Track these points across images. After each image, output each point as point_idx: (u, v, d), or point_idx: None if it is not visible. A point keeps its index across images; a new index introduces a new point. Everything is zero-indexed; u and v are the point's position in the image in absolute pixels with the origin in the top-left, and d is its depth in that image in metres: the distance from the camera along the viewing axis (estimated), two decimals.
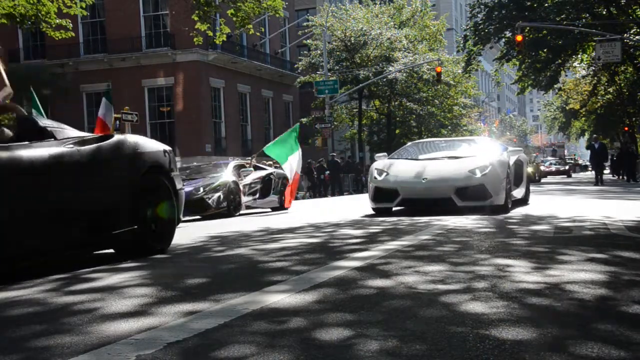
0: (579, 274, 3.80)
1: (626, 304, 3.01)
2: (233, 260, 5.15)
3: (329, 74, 35.47)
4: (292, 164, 14.02)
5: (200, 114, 32.67)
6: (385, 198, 10.22)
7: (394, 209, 10.57)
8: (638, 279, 3.74)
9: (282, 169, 14.59)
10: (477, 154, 10.71)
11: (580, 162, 75.80)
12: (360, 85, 35.92)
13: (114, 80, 32.81)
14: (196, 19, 15.79)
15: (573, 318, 2.75)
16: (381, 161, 11.09)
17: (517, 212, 9.97)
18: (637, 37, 29.79)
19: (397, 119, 41.12)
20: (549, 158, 61.26)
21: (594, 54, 27.32)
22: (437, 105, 40.25)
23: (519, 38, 25.25)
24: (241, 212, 13.82)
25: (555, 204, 12.03)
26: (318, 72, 36.65)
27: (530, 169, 30.78)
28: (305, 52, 39.45)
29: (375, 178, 10.40)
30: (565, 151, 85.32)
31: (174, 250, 6.35)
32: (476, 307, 2.97)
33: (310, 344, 2.43)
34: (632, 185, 22.61)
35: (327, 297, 3.32)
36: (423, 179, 9.84)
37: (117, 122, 18.64)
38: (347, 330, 2.61)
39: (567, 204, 12.29)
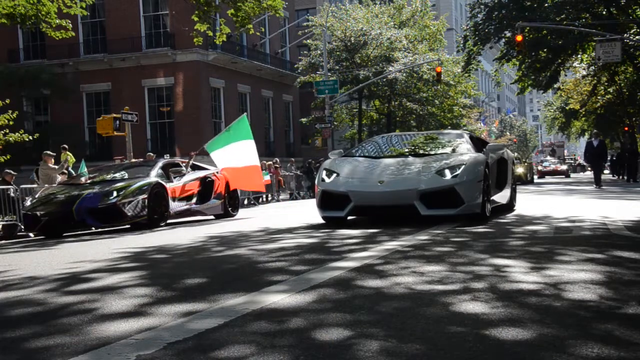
0: (579, 274, 3.79)
1: (626, 304, 3.01)
2: (232, 261, 5.15)
3: (329, 74, 35.43)
4: (233, 152, 12.05)
5: (200, 114, 32.64)
6: (335, 205, 8.28)
7: (348, 218, 8.58)
8: (638, 279, 3.74)
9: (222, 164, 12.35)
10: (449, 150, 9.01)
11: (580, 161, 75.70)
12: (360, 85, 35.90)
13: (114, 80, 32.81)
14: (196, 19, 15.77)
15: (573, 318, 2.75)
16: (333, 159, 9.15)
17: (515, 213, 9.85)
18: (637, 37, 29.77)
19: (397, 119, 41.12)
20: (548, 158, 61.18)
21: (594, 54, 27.29)
22: (437, 105, 40.26)
23: (519, 38, 25.23)
24: (170, 221, 11.40)
25: (554, 205, 11.98)
26: (318, 72, 36.62)
27: (521, 169, 30.27)
28: (305, 52, 39.44)
29: (322, 180, 8.48)
30: (565, 151, 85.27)
31: (173, 250, 6.36)
32: (475, 307, 2.97)
33: (310, 344, 2.43)
34: (632, 185, 22.58)
35: (327, 298, 3.32)
36: (379, 182, 8.01)
37: (117, 122, 18.64)
38: (346, 330, 2.61)
39: (566, 204, 12.25)
